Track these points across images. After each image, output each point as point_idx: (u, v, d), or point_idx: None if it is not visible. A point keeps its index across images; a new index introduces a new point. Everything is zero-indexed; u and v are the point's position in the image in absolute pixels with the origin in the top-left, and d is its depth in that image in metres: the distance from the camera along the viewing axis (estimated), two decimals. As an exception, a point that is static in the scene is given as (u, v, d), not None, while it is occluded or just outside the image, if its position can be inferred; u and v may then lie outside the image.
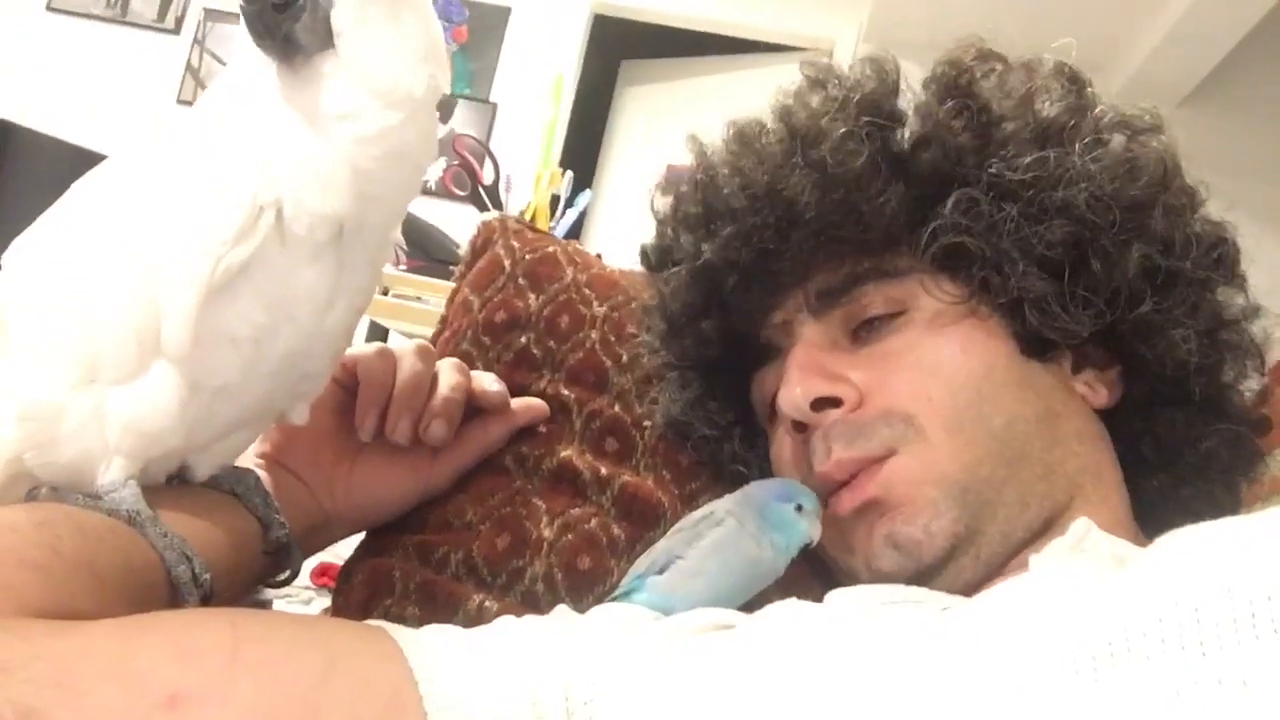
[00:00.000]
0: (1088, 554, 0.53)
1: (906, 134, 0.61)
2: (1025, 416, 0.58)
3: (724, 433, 0.70)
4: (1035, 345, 0.59)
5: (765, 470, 0.68)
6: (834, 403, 0.59)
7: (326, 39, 0.49)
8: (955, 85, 0.61)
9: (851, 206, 0.59)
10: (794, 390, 0.59)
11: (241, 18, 0.48)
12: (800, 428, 0.60)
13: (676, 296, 0.67)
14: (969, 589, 0.56)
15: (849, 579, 0.61)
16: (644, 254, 0.72)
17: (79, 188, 0.53)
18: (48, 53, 4.28)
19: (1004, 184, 0.58)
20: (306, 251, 0.50)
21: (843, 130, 0.60)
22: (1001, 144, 0.59)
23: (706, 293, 0.65)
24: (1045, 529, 0.57)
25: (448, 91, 0.54)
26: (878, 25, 3.73)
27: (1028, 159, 0.58)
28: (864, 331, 0.61)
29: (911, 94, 0.63)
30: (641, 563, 0.59)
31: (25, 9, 4.40)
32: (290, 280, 0.50)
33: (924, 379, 0.58)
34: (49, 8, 4.42)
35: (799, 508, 0.57)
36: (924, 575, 0.56)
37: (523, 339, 0.77)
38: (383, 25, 0.50)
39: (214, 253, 0.48)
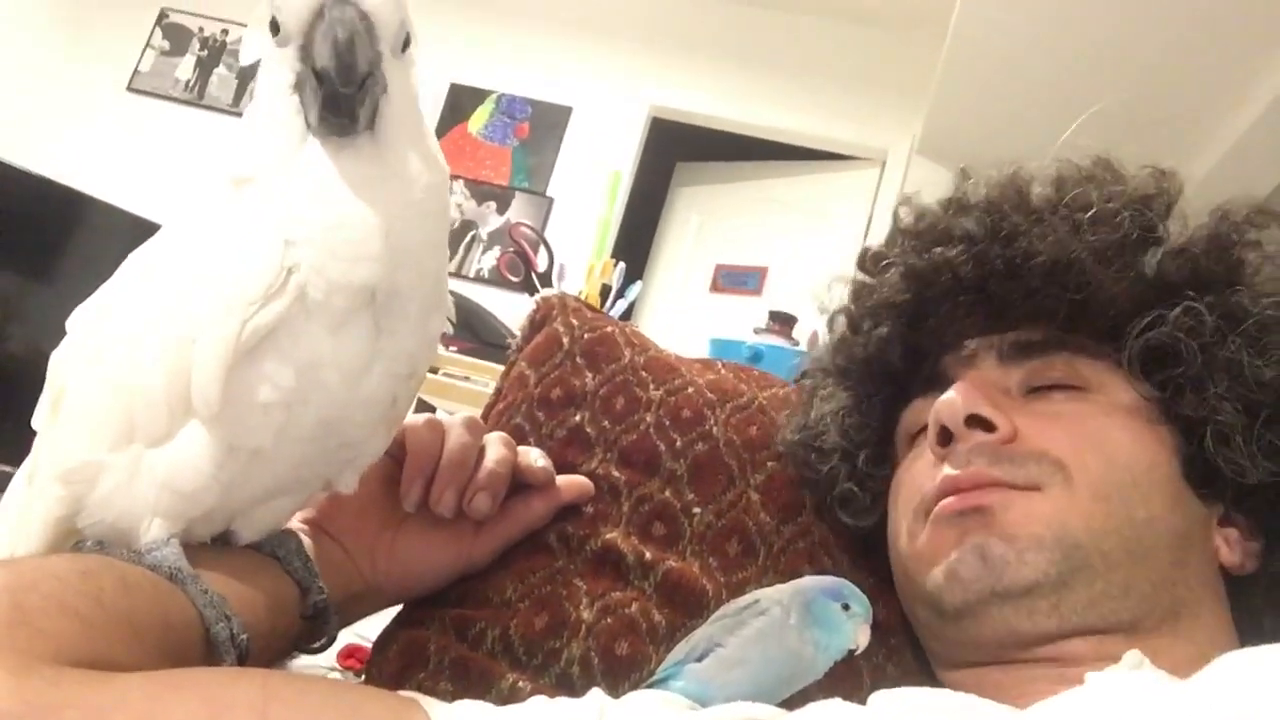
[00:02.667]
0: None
1: (1160, 251, 0.62)
2: (1169, 524, 0.57)
3: (854, 448, 0.70)
4: (1198, 474, 0.59)
5: (877, 498, 0.69)
6: (987, 426, 0.59)
7: (372, 119, 0.51)
8: (1218, 231, 0.63)
9: (1085, 271, 0.61)
10: (955, 398, 0.60)
11: (313, 95, 0.49)
12: (945, 439, 0.60)
13: (881, 289, 0.68)
14: (1030, 642, 0.55)
15: (922, 607, 0.61)
16: (862, 255, 0.73)
17: (133, 257, 0.54)
18: (126, 131, 4.45)
19: (1238, 310, 0.59)
20: (331, 318, 0.51)
21: (1110, 206, 0.62)
22: (1247, 283, 0.61)
23: (914, 296, 0.66)
24: (1122, 631, 0.55)
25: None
26: (930, 138, 3.78)
27: (1268, 300, 0.59)
28: (1038, 391, 0.62)
29: (1181, 219, 0.65)
30: (681, 649, 0.58)
31: (106, 88, 4.60)
32: (317, 346, 0.51)
33: (1085, 442, 0.58)
34: (129, 88, 4.62)
35: (846, 607, 0.56)
36: (995, 598, 0.55)
37: (577, 417, 0.77)
38: (416, 109, 0.54)
39: (241, 314, 0.49)
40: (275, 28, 0.50)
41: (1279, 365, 0.58)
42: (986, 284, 0.63)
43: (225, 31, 4.59)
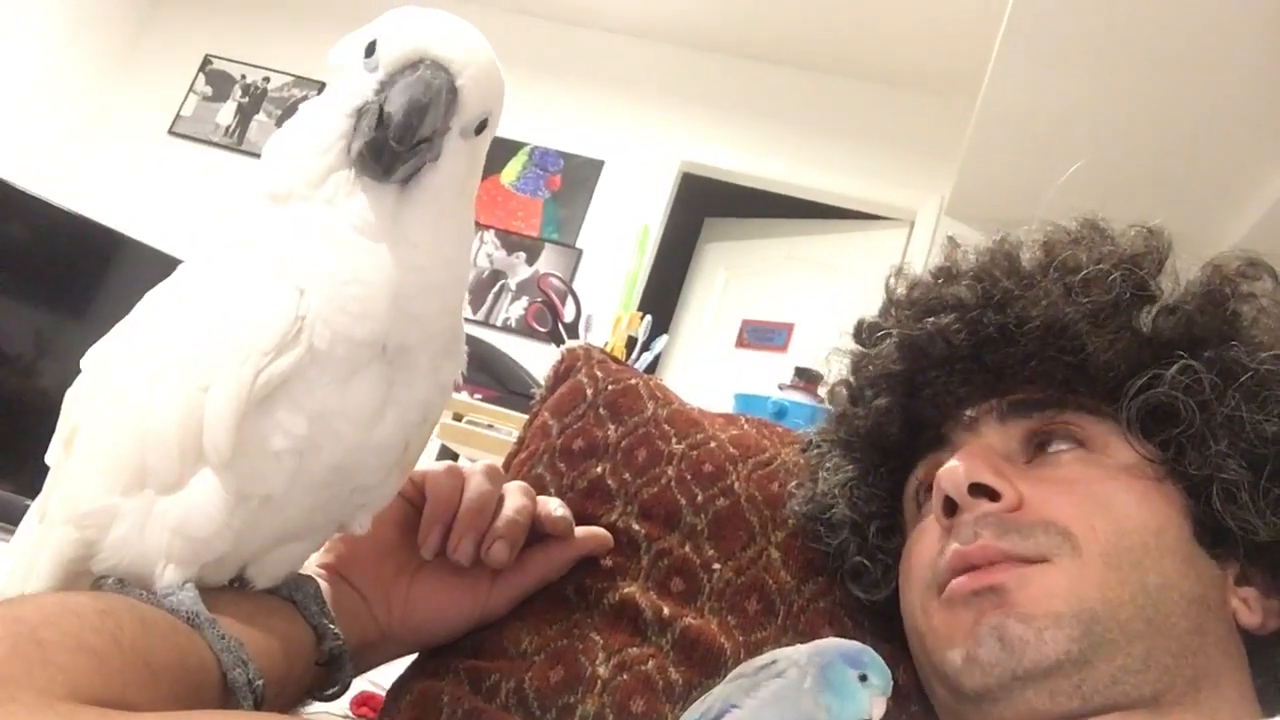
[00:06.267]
0: None
1: (1154, 309, 0.62)
2: (1182, 590, 0.56)
3: (864, 520, 0.70)
4: (1209, 534, 0.58)
5: (889, 569, 0.68)
6: (991, 495, 0.58)
7: (409, 179, 0.51)
8: (1211, 287, 0.62)
9: (1080, 334, 0.61)
10: (957, 468, 0.59)
11: (368, 128, 0.50)
12: (950, 509, 0.60)
13: (878, 363, 0.68)
14: None
15: (940, 686, 0.59)
16: (858, 327, 0.73)
17: (150, 296, 0.55)
18: (167, 174, 4.53)
19: (1235, 366, 0.58)
20: (341, 367, 0.51)
21: (1101, 267, 0.62)
22: (1244, 338, 0.60)
23: (909, 366, 0.66)
24: (1145, 706, 0.53)
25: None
26: (960, 199, 3.79)
27: (1266, 355, 0.59)
28: (1041, 454, 0.62)
29: (1173, 275, 0.64)
30: (696, 709, 0.57)
31: (149, 131, 4.69)
32: (329, 395, 0.51)
33: (1092, 508, 0.57)
34: (170, 132, 4.71)
35: (864, 678, 0.55)
36: (1017, 682, 0.54)
37: (598, 468, 0.76)
38: (461, 190, 0.54)
39: (254, 363, 0.48)
40: (371, 50, 0.51)
41: (1278, 421, 0.57)
42: (981, 351, 0.63)
43: (267, 79, 4.69)
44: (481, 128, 0.53)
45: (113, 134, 4.67)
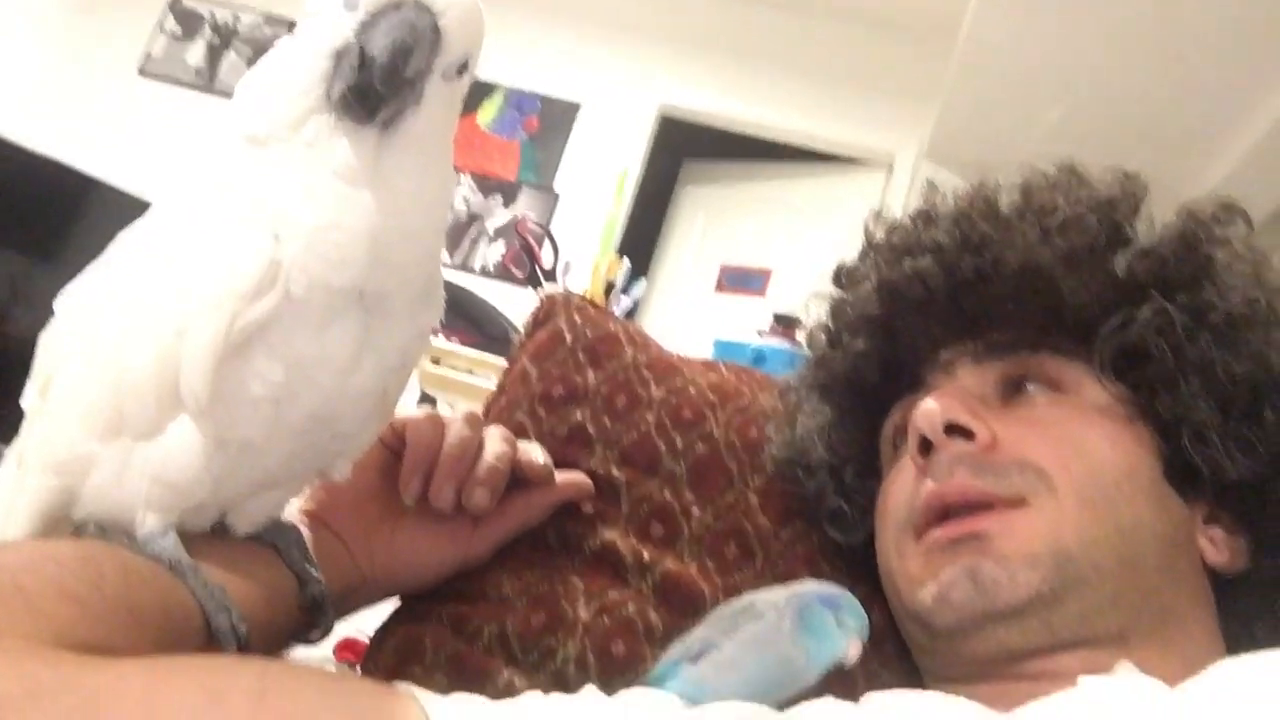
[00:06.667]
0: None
1: (1128, 252, 0.62)
2: (1154, 529, 0.57)
3: (840, 463, 0.71)
4: (1179, 474, 0.59)
5: (865, 510, 0.69)
6: (966, 435, 0.59)
7: (390, 123, 0.50)
8: (1185, 230, 0.63)
9: (1055, 277, 0.61)
10: (933, 408, 0.59)
11: (349, 71, 0.48)
12: (925, 449, 0.60)
13: (856, 306, 0.69)
14: (1022, 656, 0.55)
15: (912, 624, 0.61)
16: (836, 272, 0.73)
17: (124, 236, 0.54)
18: (137, 115, 4.44)
19: (1207, 308, 0.59)
20: (318, 314, 0.50)
21: (1076, 212, 0.62)
22: (1216, 281, 0.60)
23: (887, 309, 0.67)
24: (1112, 642, 0.55)
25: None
26: (939, 142, 3.77)
27: (1238, 298, 0.59)
28: (1016, 395, 0.62)
29: (1149, 220, 0.65)
30: (676, 650, 0.58)
31: (118, 72, 4.59)
32: (306, 341, 0.50)
33: (1065, 448, 0.58)
34: (141, 72, 4.62)
35: (840, 620, 0.56)
36: (988, 620, 0.55)
37: (578, 415, 0.76)
38: (441, 132, 0.53)
39: (230, 309, 0.48)
40: None
41: (1250, 360, 0.58)
42: (958, 293, 0.64)
43: (237, 18, 4.59)
44: (462, 70, 0.52)
45: (81, 76, 4.56)
